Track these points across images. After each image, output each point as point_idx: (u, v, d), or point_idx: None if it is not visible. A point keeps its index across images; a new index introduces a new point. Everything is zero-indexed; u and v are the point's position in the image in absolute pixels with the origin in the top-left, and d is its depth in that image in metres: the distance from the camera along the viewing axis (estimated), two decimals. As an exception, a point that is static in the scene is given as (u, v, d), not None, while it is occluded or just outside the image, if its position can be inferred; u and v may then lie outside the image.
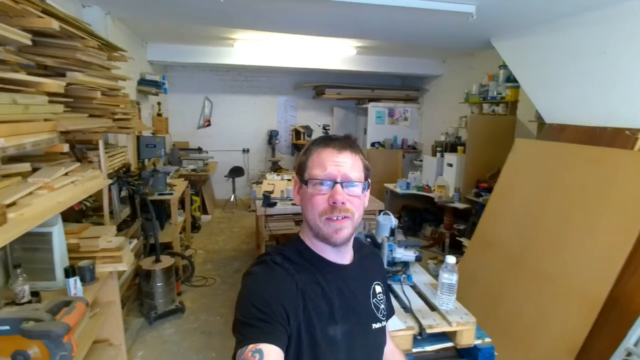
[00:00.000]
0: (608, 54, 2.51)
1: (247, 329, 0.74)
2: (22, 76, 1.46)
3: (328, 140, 0.89)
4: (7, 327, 0.95)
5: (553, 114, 3.08)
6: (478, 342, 1.56)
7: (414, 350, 1.51)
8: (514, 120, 4.16)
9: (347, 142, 0.88)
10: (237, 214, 6.26)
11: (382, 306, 0.98)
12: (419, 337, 1.50)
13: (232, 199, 6.45)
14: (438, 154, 4.96)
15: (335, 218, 0.83)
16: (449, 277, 1.60)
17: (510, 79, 4.09)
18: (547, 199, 2.69)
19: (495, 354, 1.56)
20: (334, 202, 0.83)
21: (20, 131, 1.38)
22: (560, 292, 2.33)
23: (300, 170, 0.90)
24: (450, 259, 1.59)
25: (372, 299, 0.96)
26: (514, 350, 2.35)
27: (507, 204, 3.04)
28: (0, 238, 1.21)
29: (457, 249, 4.18)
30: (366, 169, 0.91)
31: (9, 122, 1.34)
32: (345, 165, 0.85)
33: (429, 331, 1.50)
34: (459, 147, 4.75)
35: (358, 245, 1.00)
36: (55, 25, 1.62)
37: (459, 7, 2.58)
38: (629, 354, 1.76)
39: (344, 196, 0.83)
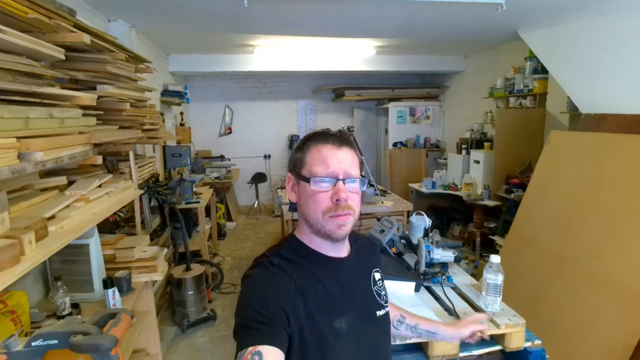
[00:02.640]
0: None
1: (246, 332, 0.75)
2: (58, 90, 1.48)
3: (326, 136, 0.88)
4: (56, 341, 0.94)
5: (590, 103, 2.95)
6: (527, 344, 1.49)
7: (461, 354, 1.45)
8: (543, 113, 4.02)
9: (344, 138, 0.88)
10: (261, 219, 6.27)
11: (384, 292, 1.00)
12: (466, 342, 1.44)
13: (255, 205, 6.47)
14: (463, 151, 4.85)
15: (338, 215, 0.83)
16: (494, 278, 1.53)
17: (538, 70, 3.96)
18: (589, 193, 2.56)
19: (547, 356, 1.48)
20: (337, 200, 0.82)
21: (57, 145, 1.39)
22: (607, 292, 2.20)
23: (297, 166, 0.89)
24: (495, 259, 1.52)
25: (373, 287, 0.98)
26: (559, 353, 2.24)
27: (545, 200, 2.91)
28: (43, 251, 1.22)
29: (489, 248, 4.06)
30: (360, 164, 0.91)
31: (46, 136, 1.35)
32: (345, 161, 0.85)
33: (476, 335, 1.43)
34: (485, 143, 4.62)
35: (354, 237, 1.01)
36: (86, 39, 1.64)
37: (487, -2, 2.50)
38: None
39: (347, 193, 0.84)
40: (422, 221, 2.20)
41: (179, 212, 3.15)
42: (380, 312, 0.96)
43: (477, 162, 4.49)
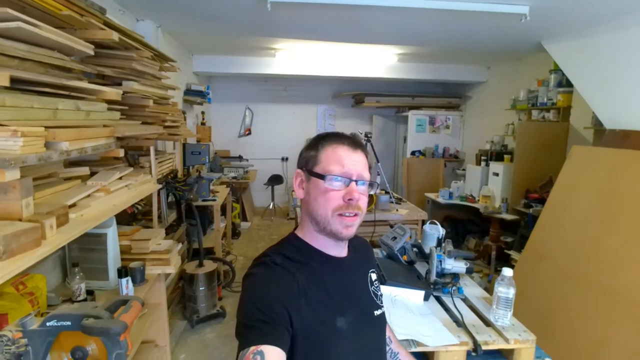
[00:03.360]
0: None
1: (248, 331, 0.75)
2: (85, 84, 1.54)
3: (341, 137, 0.90)
4: (69, 323, 0.97)
5: (615, 119, 2.87)
6: (537, 362, 1.45)
7: (468, 368, 1.42)
8: (566, 127, 3.93)
9: (359, 142, 0.92)
10: (275, 221, 6.31)
11: (380, 293, 1.02)
12: (473, 354, 1.41)
13: (270, 206, 6.52)
14: (483, 163, 4.77)
15: (348, 214, 0.85)
16: (505, 291, 1.51)
17: (562, 83, 3.88)
18: (609, 210, 2.49)
19: (558, 376, 1.45)
20: (349, 199, 0.85)
21: (82, 136, 1.45)
22: (624, 311, 2.13)
23: (309, 164, 0.90)
24: (507, 272, 1.50)
25: (371, 287, 1.00)
26: (573, 373, 2.17)
27: (563, 215, 2.84)
28: (63, 237, 1.26)
29: (504, 262, 3.97)
30: (370, 168, 0.93)
31: (73, 127, 1.41)
32: (359, 164, 0.88)
33: (484, 347, 1.41)
34: (505, 156, 4.54)
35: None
36: (115, 36, 1.71)
37: (511, 9, 2.47)
38: None
39: (359, 194, 0.86)
40: (436, 230, 2.18)
41: (195, 209, 3.20)
42: (377, 312, 0.98)
43: (496, 174, 4.41)
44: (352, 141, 0.90)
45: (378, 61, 5.21)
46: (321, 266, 0.89)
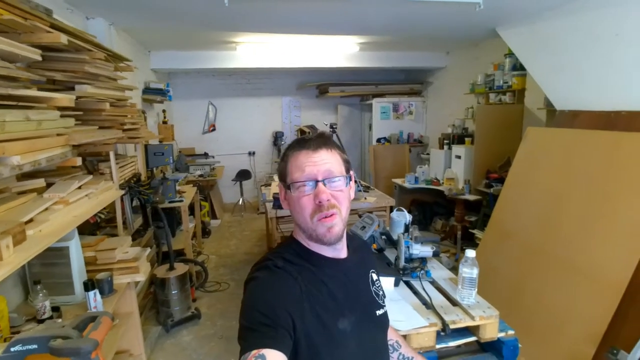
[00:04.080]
0: (621, 37, 2.46)
1: (250, 335, 0.75)
2: (34, 92, 1.46)
3: (302, 142, 0.90)
4: (35, 346, 0.94)
5: (564, 100, 3.04)
6: (501, 335, 1.55)
7: (438, 346, 1.50)
8: (521, 109, 4.12)
9: (321, 141, 0.90)
10: (246, 217, 6.27)
11: (381, 292, 1.03)
12: (442, 334, 1.49)
13: (240, 202, 6.46)
14: (445, 147, 4.93)
15: (324, 216, 0.84)
16: (469, 272, 1.59)
17: (517, 67, 4.05)
18: (564, 187, 2.65)
19: (520, 345, 1.55)
20: (319, 202, 0.84)
21: (35, 147, 1.39)
22: (583, 281, 2.30)
23: (282, 176, 0.91)
24: (471, 253, 1.57)
25: (372, 287, 1.00)
26: (539, 342, 2.33)
27: (523, 194, 3.00)
28: (22, 256, 1.21)
29: (469, 241, 4.15)
30: (346, 162, 0.92)
31: (23, 139, 1.34)
32: (322, 162, 0.86)
33: (452, 327, 1.49)
34: (466, 139, 4.71)
35: (349, 238, 1.02)
36: (64, 39, 1.62)
37: (465, -2, 2.55)
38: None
39: (328, 193, 0.85)
40: (403, 217, 2.24)
41: (161, 212, 3.13)
42: (379, 312, 0.98)
43: (459, 157, 4.57)
44: (313, 142, 0.89)
45: (340, 51, 5.22)
46: (321, 268, 0.89)
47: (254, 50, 4.90)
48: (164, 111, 5.39)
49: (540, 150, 2.99)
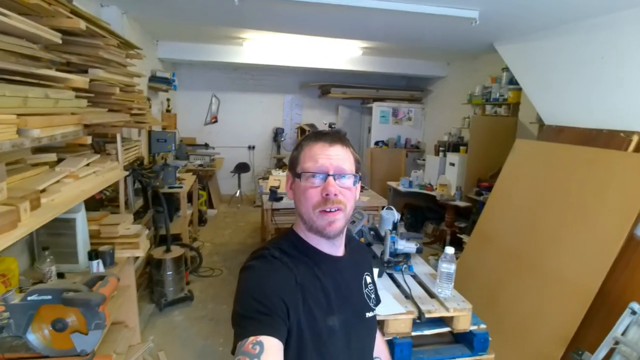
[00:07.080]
0: (606, 59, 2.61)
1: (247, 322, 0.75)
2: (53, 72, 1.57)
3: (319, 135, 0.91)
4: (50, 297, 1.05)
5: (552, 116, 3.18)
6: (474, 327, 1.66)
7: (413, 333, 1.62)
8: (515, 122, 4.25)
9: (337, 136, 0.91)
10: (242, 209, 6.38)
11: (373, 295, 1.03)
12: (418, 321, 1.61)
13: (237, 194, 6.57)
14: (441, 154, 5.05)
15: (328, 210, 0.85)
16: (447, 267, 1.71)
17: (513, 81, 4.17)
18: (545, 198, 2.79)
19: (490, 339, 1.67)
20: (326, 194, 0.84)
21: (52, 123, 1.50)
22: (555, 287, 2.43)
23: (293, 165, 0.92)
24: (449, 250, 1.70)
25: (364, 289, 1.00)
26: (510, 341, 2.46)
27: (507, 202, 3.14)
28: (36, 220, 1.33)
29: (457, 246, 4.26)
30: (357, 162, 0.93)
31: (42, 114, 1.45)
32: (336, 157, 0.87)
33: (427, 316, 1.61)
34: (461, 147, 4.84)
35: (347, 239, 1.02)
36: (82, 25, 1.73)
37: (462, 13, 2.68)
38: (616, 343, 1.85)
39: (337, 188, 0.85)
40: (392, 215, 2.35)
41: (161, 196, 3.24)
42: (369, 314, 0.98)
43: (453, 164, 4.70)
44: (330, 136, 0.90)
45: (344, 54, 5.34)
46: (317, 263, 0.90)
47: (260, 47, 5.01)
48: (168, 100, 5.49)
49: (526, 161, 3.13)
